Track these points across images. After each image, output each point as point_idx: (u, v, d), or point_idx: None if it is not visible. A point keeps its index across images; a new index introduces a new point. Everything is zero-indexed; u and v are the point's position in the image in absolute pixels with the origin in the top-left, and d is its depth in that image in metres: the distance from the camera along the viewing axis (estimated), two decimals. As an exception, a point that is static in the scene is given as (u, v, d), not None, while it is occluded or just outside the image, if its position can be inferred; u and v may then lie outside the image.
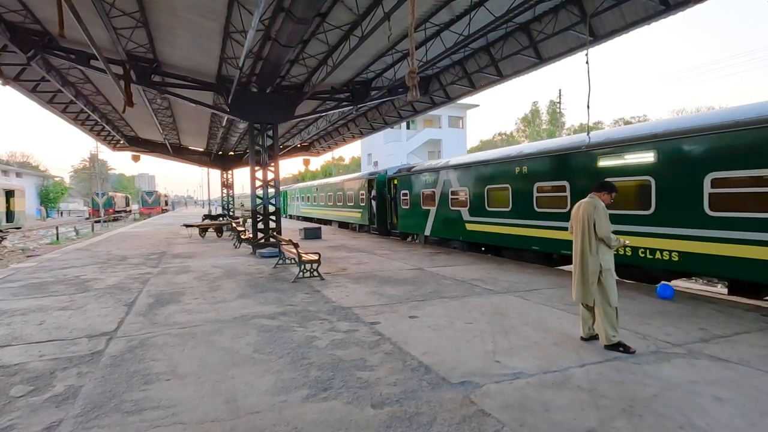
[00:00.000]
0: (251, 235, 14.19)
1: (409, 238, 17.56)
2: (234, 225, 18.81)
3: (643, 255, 7.75)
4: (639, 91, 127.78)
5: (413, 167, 16.44)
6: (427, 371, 4.09)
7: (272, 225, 14.02)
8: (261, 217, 13.98)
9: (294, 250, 9.14)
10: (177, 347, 4.86)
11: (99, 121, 18.80)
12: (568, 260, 9.42)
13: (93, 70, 11.09)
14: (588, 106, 8.42)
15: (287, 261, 10.95)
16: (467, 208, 12.62)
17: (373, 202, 19.75)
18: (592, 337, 4.89)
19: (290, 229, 21.10)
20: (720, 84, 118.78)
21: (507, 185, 10.94)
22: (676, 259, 7.29)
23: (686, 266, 7.23)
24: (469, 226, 12.61)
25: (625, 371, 4.05)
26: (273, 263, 11.09)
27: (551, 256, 10.27)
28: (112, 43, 9.62)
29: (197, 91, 13.42)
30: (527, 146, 11.36)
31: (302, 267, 8.98)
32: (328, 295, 7.40)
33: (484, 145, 69.91)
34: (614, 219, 5.86)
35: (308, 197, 32.54)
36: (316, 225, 23.48)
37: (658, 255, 7.56)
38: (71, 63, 11.00)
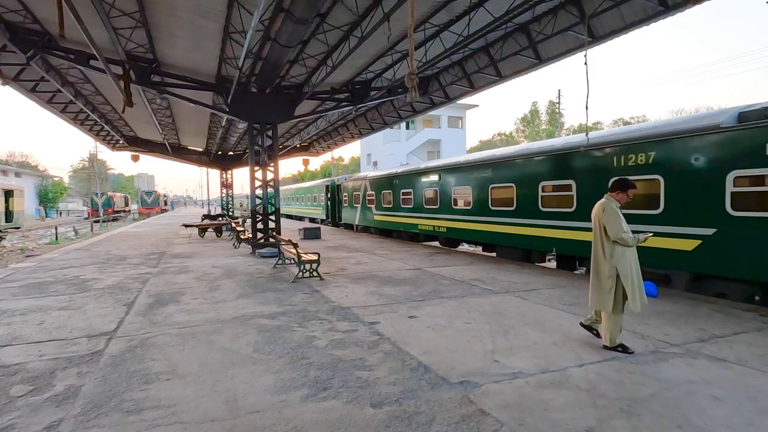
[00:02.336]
0: (251, 235, 14.20)
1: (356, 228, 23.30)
2: (233, 225, 18.81)
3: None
4: (638, 91, 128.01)
5: (349, 177, 24.08)
6: (427, 371, 4.10)
7: (272, 225, 14.03)
8: (260, 217, 13.98)
9: (293, 250, 9.14)
10: (177, 347, 4.87)
11: (98, 121, 18.80)
12: (415, 236, 16.82)
13: (92, 70, 11.09)
14: (587, 107, 8.43)
15: (287, 261, 10.95)
16: (374, 205, 19.42)
17: (329, 203, 26.71)
18: (589, 329, 4.92)
19: (289, 229, 21.11)
20: (720, 84, 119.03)
21: (390, 190, 17.91)
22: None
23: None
24: (377, 218, 19.34)
25: (623, 371, 4.06)
26: (272, 263, 11.10)
27: (417, 236, 16.66)
28: (112, 43, 9.64)
29: (197, 91, 13.42)
30: (402, 168, 18.34)
31: (302, 267, 8.98)
32: (327, 295, 7.41)
33: (484, 145, 69.95)
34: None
35: (289, 198, 38.93)
36: (316, 225, 23.67)
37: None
38: (71, 63, 11.00)
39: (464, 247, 15.83)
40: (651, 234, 4.62)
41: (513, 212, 10.87)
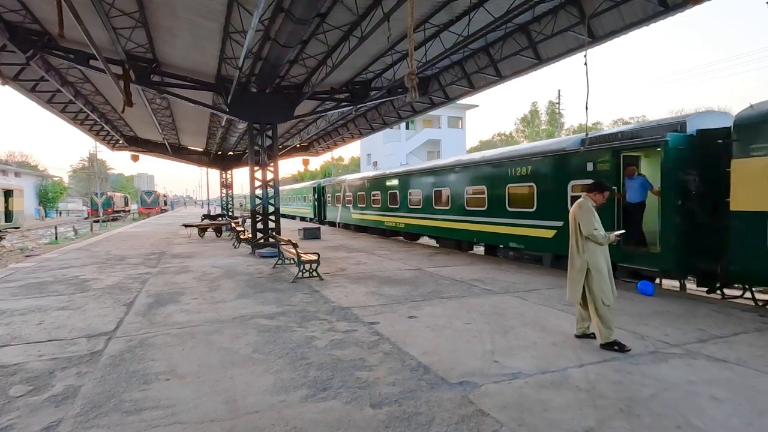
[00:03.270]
0: (250, 235, 14.19)
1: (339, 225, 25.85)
2: (233, 225, 18.80)
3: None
4: (639, 91, 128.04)
5: (332, 180, 27.42)
6: (426, 371, 4.10)
7: (271, 225, 14.02)
8: (260, 217, 13.98)
9: (293, 250, 9.14)
10: (176, 347, 4.87)
11: (98, 120, 18.80)
12: (379, 231, 19.66)
13: (92, 70, 11.09)
14: (586, 107, 8.44)
15: (286, 261, 10.95)
16: (351, 205, 22.09)
17: (316, 203, 29.56)
18: (586, 335, 4.92)
19: (289, 229, 21.11)
20: (721, 84, 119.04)
21: (363, 192, 20.42)
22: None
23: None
24: (353, 216, 21.89)
25: (623, 371, 4.06)
26: (272, 263, 11.09)
27: (384, 232, 19.31)
28: (112, 43, 9.63)
29: (196, 91, 13.42)
30: (372, 173, 21.11)
31: (301, 267, 8.98)
32: (327, 295, 7.41)
33: (484, 146, 69.97)
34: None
35: (283, 198, 42.24)
36: (316, 225, 23.74)
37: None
38: (70, 63, 10.99)
39: (424, 240, 17.83)
40: (622, 232, 4.86)
41: (449, 211, 13.58)
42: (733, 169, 6.63)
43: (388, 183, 18.11)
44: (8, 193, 28.20)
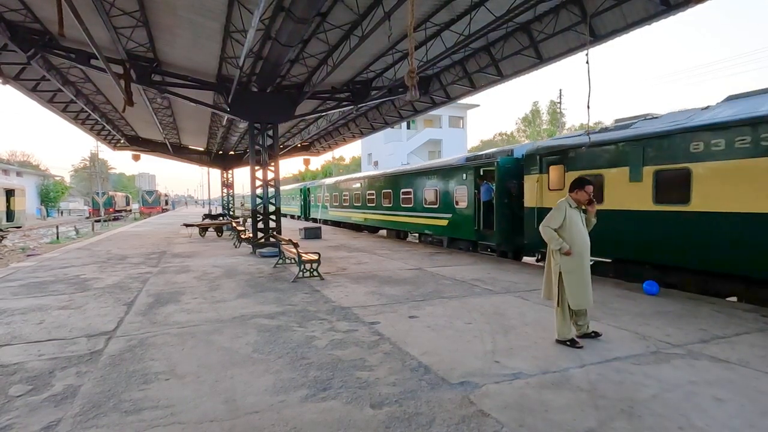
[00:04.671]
0: (251, 235, 14.19)
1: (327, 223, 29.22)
2: (234, 224, 18.80)
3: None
4: (640, 90, 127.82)
5: (314, 183, 32.87)
6: (427, 371, 4.08)
7: (272, 225, 14.01)
8: (261, 217, 13.97)
9: (294, 250, 9.13)
10: (176, 347, 4.86)
11: (99, 120, 18.80)
12: (349, 225, 23.78)
13: (93, 70, 11.08)
14: (588, 106, 8.40)
15: (287, 261, 10.94)
16: (329, 204, 26.50)
17: (302, 202, 33.86)
18: (585, 335, 4.92)
19: (290, 228, 21.11)
20: (722, 84, 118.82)
21: (337, 193, 24.65)
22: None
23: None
24: (330, 213, 26.44)
25: (624, 372, 4.04)
26: (273, 263, 11.09)
27: (354, 226, 22.98)
28: (112, 43, 9.63)
29: (197, 91, 13.41)
30: (342, 178, 26.43)
31: (302, 267, 8.97)
32: (327, 295, 7.40)
33: (484, 145, 69.85)
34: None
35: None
36: (316, 225, 23.75)
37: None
38: (71, 62, 10.99)
39: (383, 232, 21.01)
40: (568, 248, 4.66)
41: (392, 208, 17.93)
42: (524, 181, 10.66)
43: (353, 186, 22.43)
44: (10, 193, 28.25)
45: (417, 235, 17.12)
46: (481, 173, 12.47)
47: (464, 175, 12.86)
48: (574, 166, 9.17)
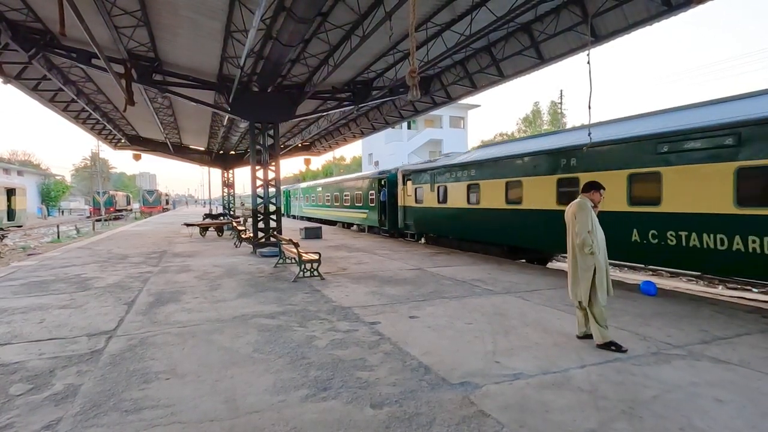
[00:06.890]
0: (252, 235, 14.19)
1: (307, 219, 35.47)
2: (234, 224, 18.81)
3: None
4: (641, 90, 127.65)
5: (295, 186, 41.30)
6: (427, 371, 4.08)
7: (273, 224, 14.01)
8: (261, 217, 13.97)
9: (294, 250, 9.13)
10: (177, 346, 4.86)
11: (100, 119, 18.80)
12: (316, 219, 30.79)
13: (94, 69, 11.08)
14: (589, 107, 8.38)
15: (287, 260, 10.94)
16: (306, 203, 33.11)
17: (286, 201, 39.82)
18: (587, 336, 4.90)
19: (290, 228, 21.13)
20: (722, 84, 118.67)
21: (308, 196, 32.73)
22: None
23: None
24: (304, 211, 33.88)
25: (625, 372, 4.04)
26: (273, 263, 11.09)
27: (335, 223, 27.47)
28: (114, 42, 9.63)
29: (198, 90, 13.41)
30: (311, 182, 36.36)
31: (302, 266, 8.97)
32: (328, 295, 7.40)
33: (485, 145, 69.70)
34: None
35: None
36: (317, 225, 23.78)
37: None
38: (72, 62, 10.99)
39: (354, 227, 25.10)
40: (593, 251, 4.68)
41: (340, 206, 24.43)
42: (399, 190, 17.18)
43: (318, 190, 29.83)
44: (11, 192, 28.30)
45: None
46: (382, 183, 18.70)
47: (374, 184, 19.59)
48: (413, 181, 16.21)
